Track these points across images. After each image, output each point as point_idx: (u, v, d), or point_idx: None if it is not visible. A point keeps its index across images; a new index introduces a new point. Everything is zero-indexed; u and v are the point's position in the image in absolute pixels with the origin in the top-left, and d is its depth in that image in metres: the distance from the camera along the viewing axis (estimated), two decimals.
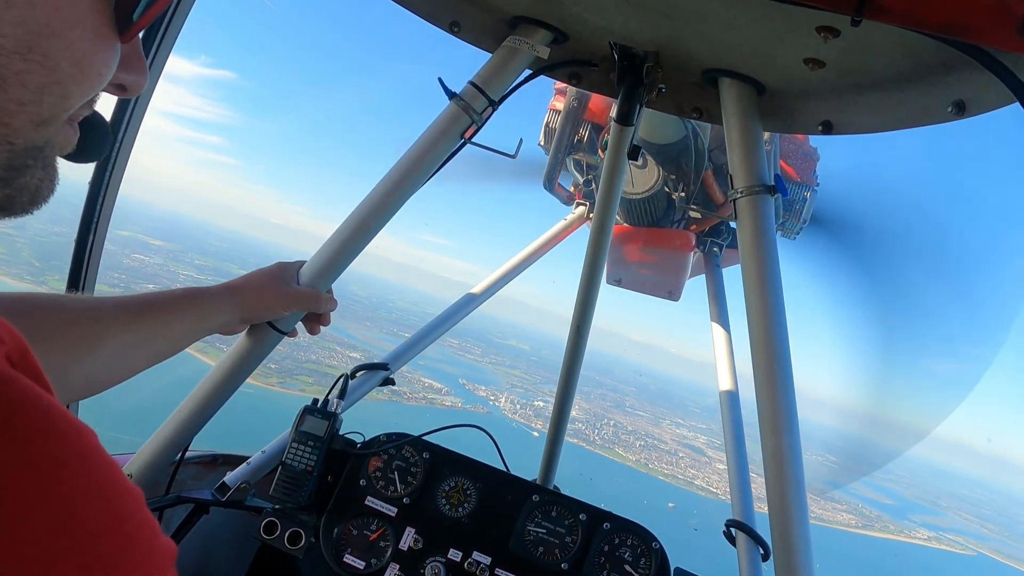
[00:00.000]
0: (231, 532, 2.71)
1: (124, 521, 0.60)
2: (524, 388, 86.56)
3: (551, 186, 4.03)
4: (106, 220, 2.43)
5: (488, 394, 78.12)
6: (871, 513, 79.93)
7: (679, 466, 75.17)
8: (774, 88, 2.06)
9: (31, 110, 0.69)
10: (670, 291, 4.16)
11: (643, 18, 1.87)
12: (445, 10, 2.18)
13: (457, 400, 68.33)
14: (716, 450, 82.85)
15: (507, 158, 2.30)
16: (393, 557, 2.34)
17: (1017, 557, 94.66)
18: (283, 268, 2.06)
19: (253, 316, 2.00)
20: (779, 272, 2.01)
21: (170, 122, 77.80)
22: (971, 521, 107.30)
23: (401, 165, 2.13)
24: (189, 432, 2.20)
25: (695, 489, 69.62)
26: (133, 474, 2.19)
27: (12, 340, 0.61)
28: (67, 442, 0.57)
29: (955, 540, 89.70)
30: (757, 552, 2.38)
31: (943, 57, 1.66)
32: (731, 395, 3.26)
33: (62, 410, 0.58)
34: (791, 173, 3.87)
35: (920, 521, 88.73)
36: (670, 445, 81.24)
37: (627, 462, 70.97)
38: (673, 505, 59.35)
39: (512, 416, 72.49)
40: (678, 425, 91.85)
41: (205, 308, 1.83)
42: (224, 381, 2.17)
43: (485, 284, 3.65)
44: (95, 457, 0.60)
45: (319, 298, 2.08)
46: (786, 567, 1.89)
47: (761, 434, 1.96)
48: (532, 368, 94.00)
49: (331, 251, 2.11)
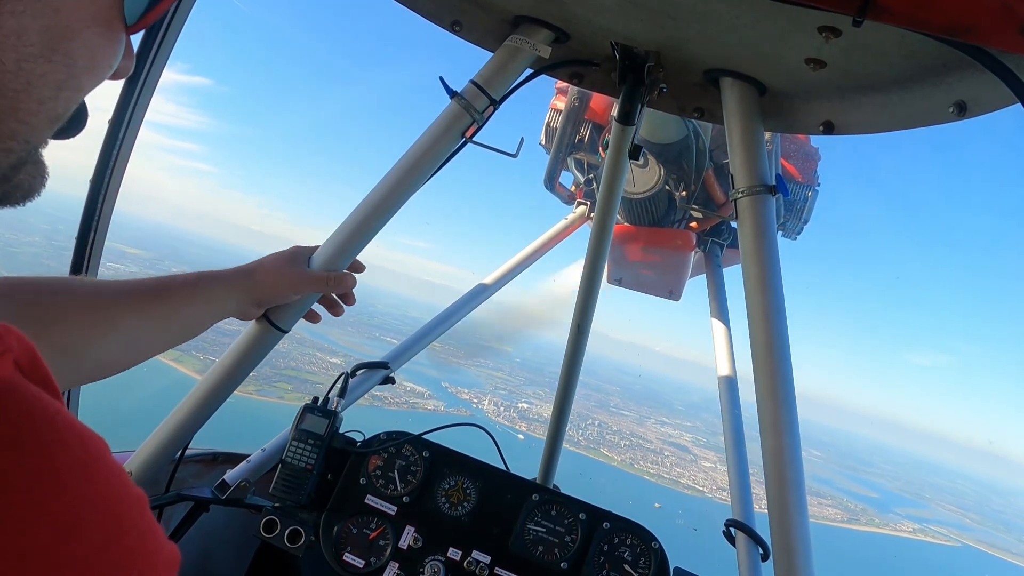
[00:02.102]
0: (231, 530, 2.71)
1: (128, 531, 0.60)
2: (508, 390, 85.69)
3: (552, 185, 4.04)
4: (107, 219, 2.43)
5: (471, 397, 77.02)
6: (856, 507, 79.91)
7: (664, 465, 74.89)
8: (776, 88, 2.06)
9: (50, 107, 0.71)
10: (671, 291, 4.16)
11: (645, 18, 1.86)
12: (447, 9, 2.18)
13: (440, 403, 67.09)
14: (701, 448, 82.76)
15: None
16: (393, 556, 2.34)
17: (1000, 546, 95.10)
18: (297, 250, 2.06)
19: (267, 299, 1.98)
20: (780, 272, 2.01)
21: (146, 129, 79.03)
22: (954, 512, 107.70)
23: (402, 164, 2.13)
24: (189, 430, 2.20)
25: (681, 488, 69.41)
26: (133, 472, 2.19)
27: (20, 346, 0.60)
28: (72, 452, 0.57)
29: (939, 532, 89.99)
30: (757, 552, 2.38)
31: (944, 58, 1.66)
32: (731, 395, 3.26)
33: (69, 418, 0.58)
34: (793, 173, 3.87)
35: (904, 513, 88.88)
36: (655, 444, 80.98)
37: (613, 462, 70.51)
38: (659, 505, 59.21)
39: (496, 419, 71.45)
40: (663, 424, 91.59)
41: (219, 291, 1.83)
42: (224, 379, 2.17)
43: (485, 283, 3.65)
44: (100, 465, 0.60)
45: (327, 281, 2.06)
46: (786, 567, 1.89)
47: (761, 434, 1.96)
48: (515, 370, 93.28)
49: (329, 254, 2.11)
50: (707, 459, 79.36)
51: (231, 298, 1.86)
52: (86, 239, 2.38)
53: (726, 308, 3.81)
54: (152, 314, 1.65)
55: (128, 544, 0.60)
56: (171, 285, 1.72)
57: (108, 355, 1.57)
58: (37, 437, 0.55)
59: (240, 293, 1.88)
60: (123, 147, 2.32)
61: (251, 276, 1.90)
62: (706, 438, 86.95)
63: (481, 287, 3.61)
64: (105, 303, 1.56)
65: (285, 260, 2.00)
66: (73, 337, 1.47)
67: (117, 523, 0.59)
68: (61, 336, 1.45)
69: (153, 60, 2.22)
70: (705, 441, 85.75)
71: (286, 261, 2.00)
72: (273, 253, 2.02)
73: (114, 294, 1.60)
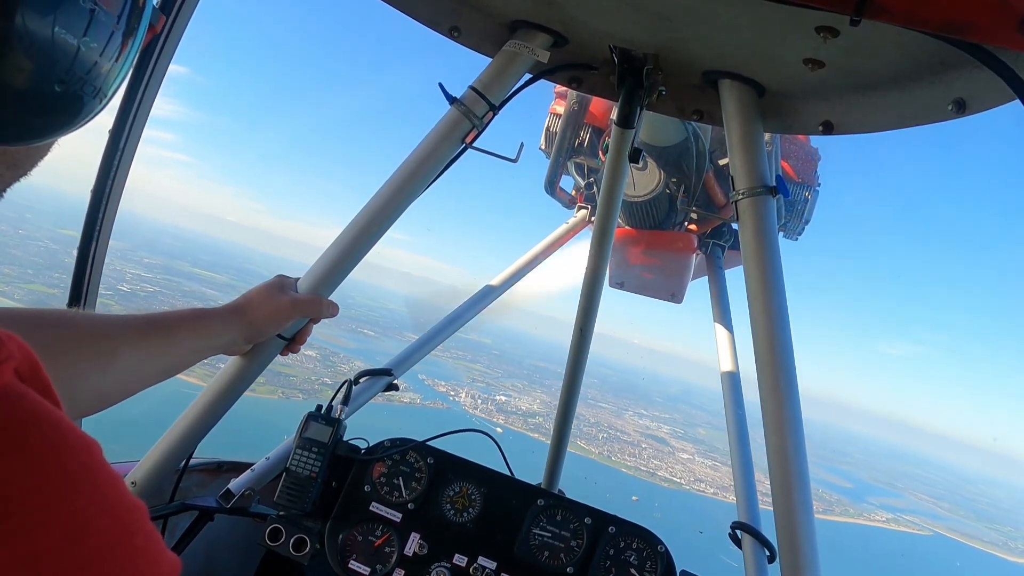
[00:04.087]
0: (236, 539, 2.71)
1: (133, 534, 0.61)
2: (485, 383, 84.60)
3: (552, 190, 4.04)
4: (107, 233, 2.42)
5: (448, 389, 75.69)
6: (831, 497, 79.42)
7: (642, 457, 74.45)
8: (774, 89, 2.06)
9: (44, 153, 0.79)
10: (673, 293, 4.16)
11: (643, 21, 1.87)
12: (445, 15, 2.18)
13: (416, 396, 65.60)
14: (679, 440, 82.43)
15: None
16: (398, 563, 2.33)
17: (971, 535, 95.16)
18: (282, 279, 2.09)
19: (259, 334, 2.01)
20: (781, 273, 2.00)
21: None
22: (926, 501, 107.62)
23: (402, 171, 2.13)
24: (193, 440, 2.20)
25: (658, 481, 69.03)
26: (137, 482, 2.18)
27: (22, 354, 0.61)
28: (77, 457, 0.58)
29: (912, 521, 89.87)
30: (763, 554, 2.37)
31: (942, 56, 1.66)
32: (735, 398, 3.25)
33: (71, 425, 0.59)
34: (792, 174, 3.87)
35: (878, 503, 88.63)
36: (633, 436, 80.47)
37: (590, 455, 69.64)
38: (636, 498, 58.78)
39: (473, 412, 70.60)
40: (641, 416, 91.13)
41: (210, 327, 1.86)
42: (227, 389, 2.17)
43: (486, 289, 3.65)
44: (103, 471, 0.61)
45: (321, 303, 2.09)
46: (792, 568, 1.88)
47: (766, 435, 1.95)
48: (494, 362, 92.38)
49: (331, 259, 2.11)
50: (685, 451, 79.17)
51: (225, 334, 1.90)
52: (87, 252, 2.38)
53: (728, 310, 3.80)
54: (148, 347, 1.68)
55: (136, 543, 0.61)
56: (167, 320, 1.75)
57: (105, 387, 1.59)
58: (45, 442, 0.56)
59: (232, 331, 1.91)
60: (124, 157, 2.32)
61: (242, 314, 1.93)
62: (684, 430, 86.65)
63: (481, 294, 3.61)
64: (103, 335, 1.58)
65: (274, 290, 2.02)
66: (73, 369, 1.48)
67: (124, 525, 0.60)
68: (61, 368, 1.45)
69: (153, 69, 2.21)
70: (683, 433, 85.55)
71: (276, 290, 2.02)
72: (258, 285, 2.04)
73: (111, 327, 1.62)
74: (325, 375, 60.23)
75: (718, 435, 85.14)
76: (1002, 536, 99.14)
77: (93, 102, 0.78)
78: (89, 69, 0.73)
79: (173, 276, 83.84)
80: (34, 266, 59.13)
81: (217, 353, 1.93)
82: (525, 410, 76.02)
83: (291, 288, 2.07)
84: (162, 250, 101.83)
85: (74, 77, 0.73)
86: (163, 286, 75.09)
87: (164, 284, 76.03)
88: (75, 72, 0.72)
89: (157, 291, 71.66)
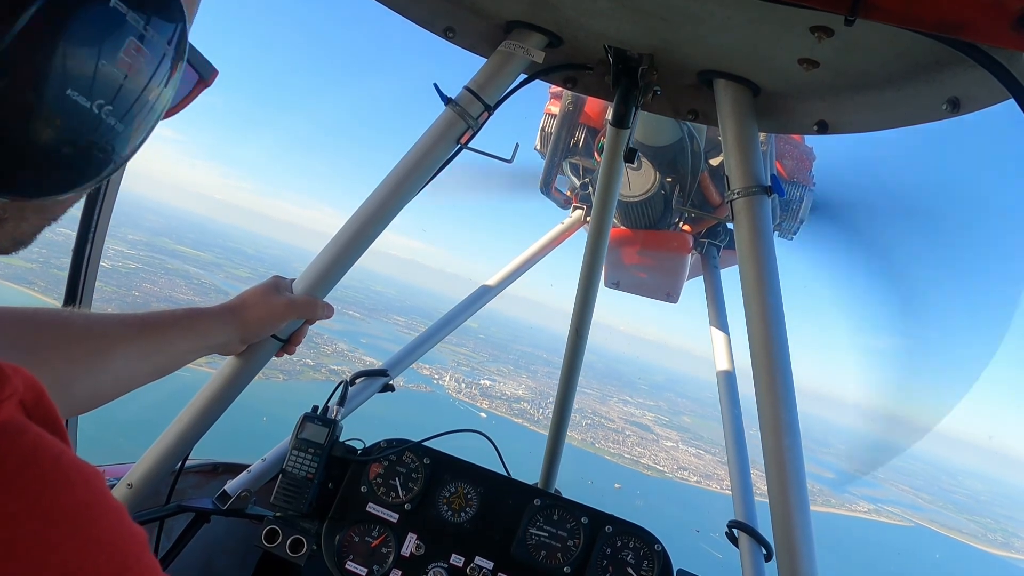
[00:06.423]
0: (233, 541, 2.70)
1: (129, 568, 0.61)
2: (470, 367, 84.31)
3: (548, 190, 4.04)
4: (103, 232, 2.42)
5: (432, 372, 75.26)
6: (813, 487, 79.25)
7: (626, 444, 74.37)
8: (769, 89, 2.07)
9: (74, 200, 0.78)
10: (668, 293, 4.16)
11: (637, 21, 1.87)
12: (440, 16, 2.18)
13: (399, 379, 65.53)
14: (663, 427, 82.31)
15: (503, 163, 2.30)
16: (395, 563, 2.33)
17: (950, 526, 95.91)
18: (278, 280, 2.09)
19: (253, 334, 2.01)
20: (777, 273, 2.01)
21: None
22: (907, 492, 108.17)
23: (397, 172, 2.13)
24: (189, 441, 2.19)
25: (642, 468, 68.93)
26: (133, 484, 2.17)
27: (26, 387, 0.61)
28: (76, 492, 0.58)
29: (893, 512, 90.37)
30: (760, 553, 2.37)
31: (937, 55, 1.66)
32: (731, 396, 3.25)
33: (72, 458, 0.60)
34: (786, 174, 3.87)
35: (860, 494, 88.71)
36: (617, 423, 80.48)
37: (573, 442, 69.16)
38: (619, 486, 58.58)
39: (457, 396, 70.35)
40: (625, 403, 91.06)
41: (205, 327, 1.86)
42: (223, 390, 2.16)
43: (482, 289, 3.65)
44: (102, 504, 0.61)
45: (316, 304, 2.09)
46: (789, 567, 1.88)
47: (762, 435, 1.95)
48: (479, 346, 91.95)
49: (327, 260, 2.11)
50: (669, 439, 79.09)
51: (220, 334, 1.90)
52: (83, 251, 2.37)
53: (724, 310, 3.81)
54: (143, 347, 1.68)
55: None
56: (161, 319, 1.75)
57: (99, 386, 1.59)
58: (45, 478, 0.56)
59: (227, 331, 1.91)
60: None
61: (237, 314, 1.93)
62: (668, 417, 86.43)
63: (477, 294, 3.61)
64: (98, 335, 1.58)
65: (270, 290, 2.02)
66: (67, 368, 1.48)
67: (122, 561, 0.61)
68: (56, 367, 1.45)
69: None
70: (667, 420, 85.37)
71: (271, 291, 2.02)
72: (253, 286, 2.04)
73: (106, 327, 1.62)
74: (308, 356, 59.89)
75: (702, 423, 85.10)
76: (981, 528, 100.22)
77: (124, 156, 0.74)
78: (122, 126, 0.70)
79: (156, 253, 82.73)
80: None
81: (211, 353, 1.93)
82: (510, 395, 75.85)
83: (286, 289, 2.08)
84: (145, 227, 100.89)
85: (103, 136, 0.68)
86: (146, 263, 74.54)
87: (147, 261, 75.34)
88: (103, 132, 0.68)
89: (138, 267, 71.09)
